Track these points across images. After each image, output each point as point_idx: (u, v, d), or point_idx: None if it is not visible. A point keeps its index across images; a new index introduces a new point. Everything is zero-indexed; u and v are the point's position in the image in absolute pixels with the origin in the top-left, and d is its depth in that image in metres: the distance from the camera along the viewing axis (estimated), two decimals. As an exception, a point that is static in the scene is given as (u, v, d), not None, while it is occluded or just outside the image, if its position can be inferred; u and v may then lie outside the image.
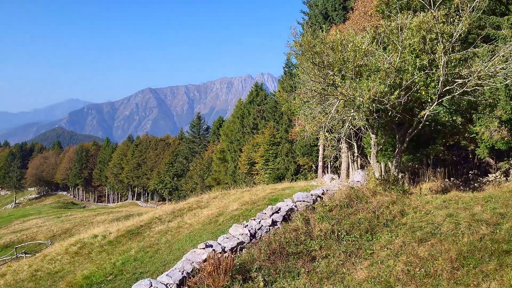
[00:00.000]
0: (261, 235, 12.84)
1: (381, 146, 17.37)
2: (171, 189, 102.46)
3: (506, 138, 21.34)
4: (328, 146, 31.59)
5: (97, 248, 17.84)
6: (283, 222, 13.57)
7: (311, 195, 15.21)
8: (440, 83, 14.34)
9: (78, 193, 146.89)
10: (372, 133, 16.27)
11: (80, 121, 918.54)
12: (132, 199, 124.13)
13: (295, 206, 14.52)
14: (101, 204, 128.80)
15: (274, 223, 13.50)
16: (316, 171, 43.46)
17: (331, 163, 39.79)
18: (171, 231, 17.69)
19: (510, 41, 17.33)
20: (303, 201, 14.79)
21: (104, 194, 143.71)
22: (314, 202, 14.82)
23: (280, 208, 14.25)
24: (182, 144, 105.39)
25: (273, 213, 13.92)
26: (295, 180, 43.84)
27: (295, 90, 25.96)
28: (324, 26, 16.23)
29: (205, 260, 10.43)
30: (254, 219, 13.64)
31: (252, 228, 12.96)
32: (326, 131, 21.01)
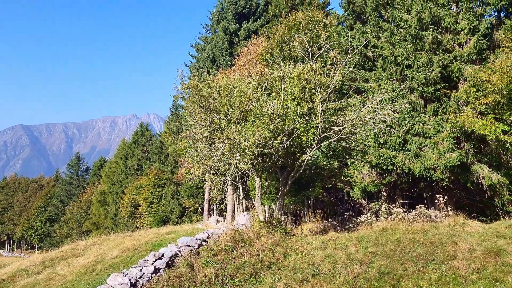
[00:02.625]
0: (142, 284, 12.15)
1: (265, 189, 17.83)
2: (42, 236, 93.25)
3: (375, 181, 23.36)
4: (214, 188, 31.62)
5: None
6: (166, 268, 13.03)
7: (196, 239, 14.91)
8: (318, 129, 15.31)
9: None
10: (257, 176, 16.67)
11: None
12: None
13: (180, 251, 14.08)
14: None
15: (156, 270, 12.90)
16: (202, 213, 43.03)
17: (217, 205, 39.76)
18: (40, 284, 15.92)
19: (377, 93, 19.28)
20: (188, 245, 14.42)
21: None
22: (199, 247, 14.53)
23: (163, 254, 13.70)
24: (57, 186, 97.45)
25: (156, 260, 13.31)
26: (180, 223, 42.88)
27: (182, 132, 25.82)
28: (211, 70, 16.57)
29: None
30: (135, 267, 12.91)
31: (132, 277, 12.22)
32: (212, 174, 21.05)
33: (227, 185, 29.88)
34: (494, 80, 17.59)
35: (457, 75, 20.93)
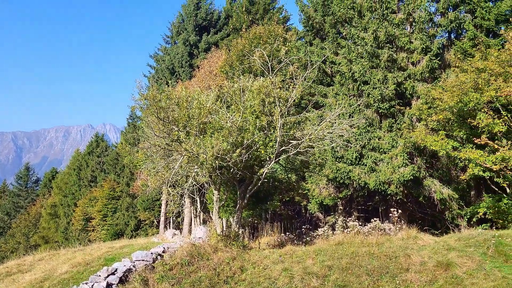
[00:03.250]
0: (94, 301, 11.67)
1: (223, 202, 17.68)
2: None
3: (332, 195, 23.67)
4: (171, 201, 31.09)
5: None
6: (119, 284, 12.60)
7: (151, 253, 14.52)
8: (277, 143, 15.38)
9: None
10: (215, 189, 16.51)
11: None
12: None
13: (134, 266, 13.66)
14: None
15: (109, 286, 12.45)
16: (158, 227, 42.13)
17: (174, 219, 39.09)
18: (-17, 301, 15.01)
19: (335, 108, 19.65)
20: (143, 260, 14.02)
21: None
22: (154, 261, 14.16)
23: (116, 269, 13.24)
24: (4, 198, 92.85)
25: (108, 275, 12.85)
26: (135, 237, 41.79)
27: (139, 143, 25.30)
28: (170, 81, 16.36)
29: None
30: (87, 283, 12.42)
31: (83, 293, 11.73)
32: (170, 186, 20.70)
33: (184, 198, 29.46)
34: (445, 98, 18.33)
35: (410, 93, 21.67)
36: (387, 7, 22.53)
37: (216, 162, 14.35)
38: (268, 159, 15.90)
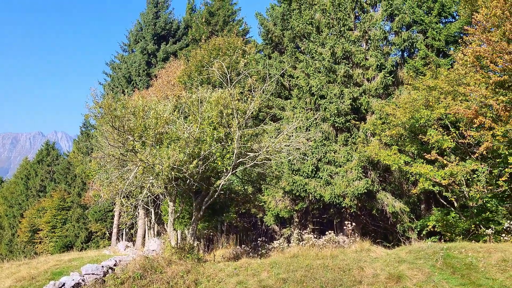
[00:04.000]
0: (38, 318, 11.08)
1: (178, 214, 17.38)
2: None
3: (288, 207, 23.81)
4: (125, 212, 30.29)
5: None
6: (67, 299, 12.05)
7: (102, 266, 14.01)
8: (234, 155, 15.32)
9: None
10: (170, 201, 16.21)
11: None
12: None
13: (83, 280, 13.12)
14: None
15: (56, 301, 11.88)
16: (110, 239, 40.92)
17: (127, 230, 38.06)
18: None
19: (292, 121, 19.85)
20: (92, 273, 13.50)
21: None
22: (104, 275, 13.66)
23: (64, 283, 12.68)
24: None
25: (55, 290, 12.27)
26: (86, 249, 40.39)
27: (92, 152, 24.57)
28: (127, 90, 16.03)
29: None
30: (32, 299, 11.79)
31: (27, 310, 11.12)
32: (123, 197, 20.14)
33: (138, 209, 28.76)
34: (398, 114, 18.93)
35: (365, 108, 22.25)
36: (344, 24, 23.15)
37: (172, 173, 14.09)
38: (225, 170, 15.79)
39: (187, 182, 15.36)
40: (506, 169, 15.61)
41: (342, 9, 23.28)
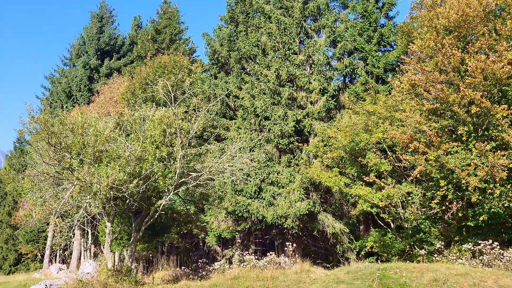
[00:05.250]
0: None
1: (116, 235, 16.78)
2: None
3: (231, 228, 23.65)
4: (59, 233, 28.84)
5: None
6: (-10, 328, 11.19)
7: (31, 291, 13.20)
8: (177, 174, 15.09)
9: None
10: (108, 221, 15.64)
11: None
12: None
13: (9, 307, 12.27)
14: None
15: (-23, 330, 10.99)
16: (42, 261, 38.68)
17: (61, 252, 36.18)
18: None
19: (237, 142, 19.90)
20: (20, 299, 12.67)
21: None
22: (34, 300, 12.86)
23: (-12, 310, 11.79)
24: None
25: (-23, 318, 11.37)
26: (14, 272, 37.98)
27: (26, 170, 23.34)
28: (66, 105, 15.43)
29: None
30: (-51, 328, 10.85)
31: None
32: (58, 217, 19.19)
33: (74, 229, 27.49)
34: (339, 137, 19.47)
35: (308, 130, 22.74)
36: (289, 48, 23.72)
37: (111, 192, 13.64)
38: (166, 190, 15.49)
39: (127, 202, 14.93)
40: (438, 192, 16.37)
41: (288, 34, 23.88)
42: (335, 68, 24.64)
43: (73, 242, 30.24)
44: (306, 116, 22.85)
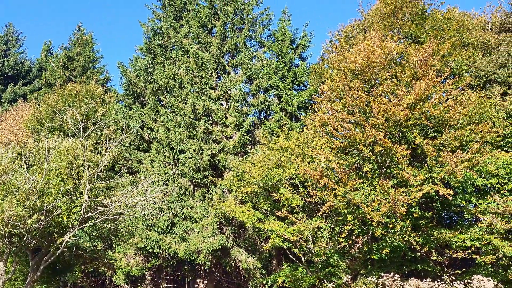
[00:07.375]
0: None
1: (10, 275, 15.30)
2: None
3: (140, 265, 22.66)
4: None
5: None
6: None
7: None
8: (83, 209, 14.26)
9: None
10: (1, 261, 14.25)
11: None
12: None
13: None
14: None
15: None
16: None
17: None
18: None
19: (150, 175, 19.36)
20: None
21: None
22: None
23: None
24: None
25: None
26: None
27: None
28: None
29: None
30: None
31: None
32: None
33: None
34: (253, 172, 19.69)
35: (223, 165, 22.77)
36: (206, 82, 23.91)
37: (6, 229, 12.50)
38: (71, 226, 14.53)
39: (24, 239, 13.74)
40: (346, 226, 17.00)
41: (205, 68, 24.11)
42: (251, 104, 25.13)
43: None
44: (221, 151, 22.93)
